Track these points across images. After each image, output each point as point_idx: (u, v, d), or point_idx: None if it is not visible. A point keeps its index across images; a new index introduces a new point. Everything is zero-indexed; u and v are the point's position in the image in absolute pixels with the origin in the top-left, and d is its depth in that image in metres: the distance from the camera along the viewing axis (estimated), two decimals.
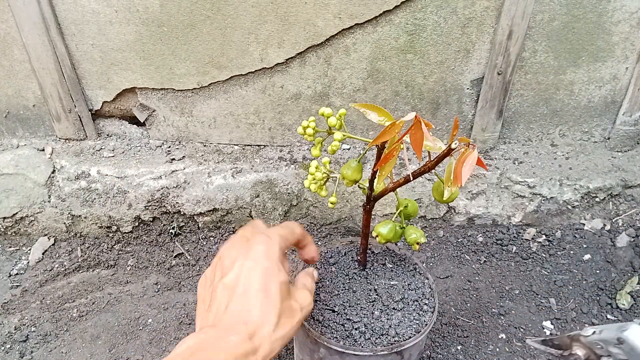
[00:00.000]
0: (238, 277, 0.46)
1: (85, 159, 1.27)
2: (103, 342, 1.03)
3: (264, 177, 1.24)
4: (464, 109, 1.25)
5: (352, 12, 1.10)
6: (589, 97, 1.24)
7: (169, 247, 1.25)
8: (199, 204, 1.23)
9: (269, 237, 0.50)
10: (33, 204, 1.24)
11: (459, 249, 1.23)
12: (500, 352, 1.00)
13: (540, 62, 1.18)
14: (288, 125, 1.29)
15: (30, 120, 1.31)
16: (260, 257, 0.47)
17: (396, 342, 0.67)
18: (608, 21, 1.12)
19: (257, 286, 0.45)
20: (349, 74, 1.20)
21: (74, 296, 1.14)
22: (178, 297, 1.13)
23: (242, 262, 0.47)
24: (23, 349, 1.02)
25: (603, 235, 1.22)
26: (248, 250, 0.48)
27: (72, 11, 1.14)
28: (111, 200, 1.23)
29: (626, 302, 1.07)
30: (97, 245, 1.25)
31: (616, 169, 1.25)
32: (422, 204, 1.25)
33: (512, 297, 1.11)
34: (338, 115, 0.60)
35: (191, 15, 1.13)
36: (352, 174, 0.62)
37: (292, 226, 0.56)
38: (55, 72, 1.20)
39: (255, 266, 0.47)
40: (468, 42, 1.15)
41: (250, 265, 0.47)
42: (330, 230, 1.27)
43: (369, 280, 0.76)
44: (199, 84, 1.23)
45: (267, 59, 1.18)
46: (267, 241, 0.49)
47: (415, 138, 0.49)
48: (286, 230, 0.54)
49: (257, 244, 0.48)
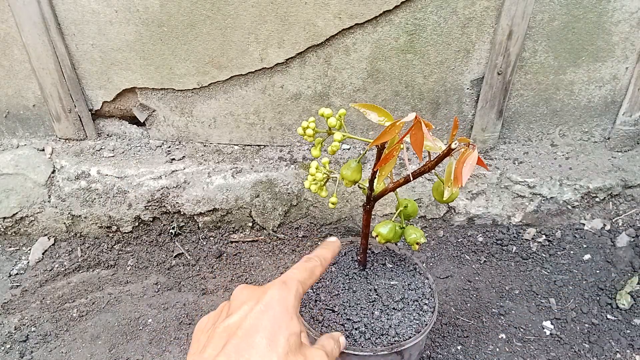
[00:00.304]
0: (243, 320, 0.41)
1: (85, 159, 1.27)
2: (103, 342, 1.03)
3: (264, 177, 1.24)
4: (464, 109, 1.25)
5: (352, 12, 1.10)
6: (589, 97, 1.24)
7: (169, 247, 1.25)
8: (199, 204, 1.23)
9: (284, 283, 0.45)
10: (33, 204, 1.24)
11: (459, 249, 1.23)
12: (500, 352, 1.00)
13: (540, 62, 1.18)
14: (288, 125, 1.29)
15: (30, 120, 1.31)
16: (273, 303, 0.43)
17: (396, 342, 0.67)
18: (608, 21, 1.12)
19: (263, 332, 0.40)
20: (349, 74, 1.20)
21: (74, 296, 1.14)
22: (178, 297, 1.13)
23: (251, 305, 0.42)
24: (23, 349, 1.02)
25: (603, 235, 1.22)
26: (261, 295, 0.43)
27: (72, 11, 1.14)
28: (111, 200, 1.23)
29: (626, 302, 1.07)
30: (97, 245, 1.25)
31: (616, 169, 1.25)
32: (422, 204, 1.25)
33: (512, 297, 1.11)
34: (338, 116, 0.60)
35: (191, 15, 1.13)
36: (352, 175, 0.62)
37: (312, 268, 0.50)
38: (55, 72, 1.20)
39: (266, 311, 0.42)
40: (468, 42, 1.15)
41: (260, 309, 0.42)
42: (330, 230, 1.28)
43: (369, 280, 0.76)
44: (199, 84, 1.23)
45: (267, 59, 1.18)
46: (282, 287, 0.45)
47: (416, 138, 0.49)
48: (305, 274, 0.49)
49: (271, 289, 0.44)
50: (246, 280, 1.17)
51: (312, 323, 0.69)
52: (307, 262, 0.51)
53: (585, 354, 0.99)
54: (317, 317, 0.70)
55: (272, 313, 0.42)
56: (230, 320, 0.41)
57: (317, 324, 0.69)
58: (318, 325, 0.69)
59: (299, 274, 0.48)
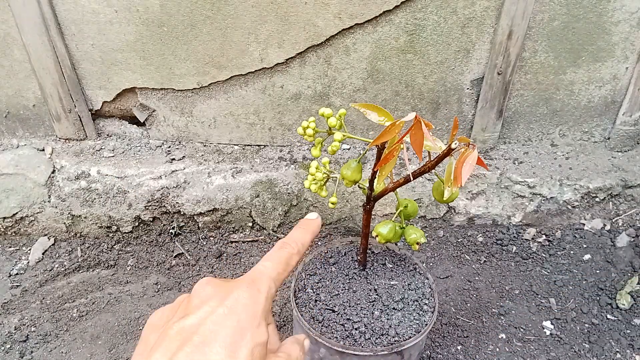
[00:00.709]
0: (201, 323, 0.35)
1: (85, 159, 1.27)
2: (103, 342, 1.03)
3: (264, 177, 1.24)
4: (464, 109, 1.25)
5: (352, 12, 1.10)
6: (589, 97, 1.24)
7: (169, 247, 1.25)
8: (199, 204, 1.23)
9: (253, 282, 0.39)
10: (33, 204, 1.24)
11: (459, 249, 1.23)
12: (500, 352, 1.00)
13: (540, 62, 1.18)
14: (288, 125, 1.29)
15: (30, 120, 1.31)
16: (239, 306, 0.36)
17: (396, 342, 0.67)
18: (608, 21, 1.12)
19: (223, 341, 0.34)
20: (349, 74, 1.20)
21: (74, 296, 1.14)
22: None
23: (213, 305, 0.36)
24: (23, 349, 1.02)
25: (603, 235, 1.22)
26: (226, 294, 0.37)
27: (72, 11, 1.14)
28: (111, 200, 1.23)
29: (626, 302, 1.07)
30: (97, 245, 1.25)
31: (616, 169, 1.25)
32: (422, 204, 1.25)
33: (512, 297, 1.11)
34: (338, 116, 0.60)
35: (191, 15, 1.13)
36: (352, 174, 0.62)
37: (287, 257, 0.43)
38: (55, 72, 1.20)
39: (229, 315, 0.36)
40: (468, 42, 1.15)
41: (222, 312, 0.36)
42: (330, 230, 1.28)
43: (369, 280, 0.76)
44: (199, 84, 1.23)
45: (267, 59, 1.18)
46: (251, 287, 0.38)
47: (416, 138, 0.49)
48: (280, 268, 0.42)
49: (239, 289, 0.37)
50: None
51: (312, 323, 0.69)
52: (281, 250, 0.43)
53: (585, 354, 0.99)
54: (317, 317, 0.70)
55: (236, 318, 0.36)
56: (187, 321, 0.35)
57: (317, 324, 0.69)
58: (318, 325, 0.69)
59: (271, 269, 0.41)
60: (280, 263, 0.42)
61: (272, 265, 0.41)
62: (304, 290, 0.74)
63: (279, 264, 0.42)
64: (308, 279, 0.76)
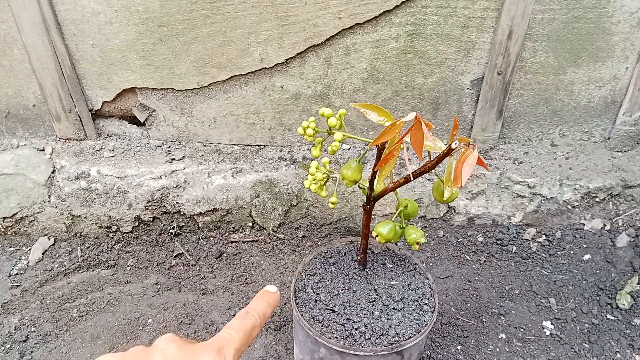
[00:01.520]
0: None
1: (85, 159, 1.27)
2: (103, 342, 1.03)
3: (264, 177, 1.24)
4: (464, 109, 1.25)
5: (352, 12, 1.10)
6: (589, 97, 1.24)
7: (169, 247, 1.25)
8: (199, 204, 1.23)
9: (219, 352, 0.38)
10: (33, 204, 1.24)
11: (459, 249, 1.23)
12: (500, 352, 1.00)
13: (540, 62, 1.18)
14: (288, 125, 1.29)
15: (30, 120, 1.31)
16: None
17: (396, 342, 0.67)
18: (608, 21, 1.12)
19: None
20: (349, 74, 1.20)
21: (74, 296, 1.14)
22: (178, 297, 1.13)
23: None
24: (23, 349, 1.02)
25: (603, 235, 1.22)
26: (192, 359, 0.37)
27: (72, 11, 1.14)
28: (111, 200, 1.23)
29: (626, 302, 1.07)
30: (97, 245, 1.25)
31: (616, 169, 1.25)
32: (422, 204, 1.25)
33: (512, 297, 1.11)
34: (338, 116, 0.60)
35: (191, 15, 1.13)
36: (352, 174, 0.62)
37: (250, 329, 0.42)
38: (55, 72, 1.20)
39: None
40: (468, 42, 1.15)
41: None
42: (330, 230, 1.28)
43: (369, 280, 0.76)
44: (199, 84, 1.23)
45: (267, 59, 1.18)
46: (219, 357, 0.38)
47: (416, 138, 0.49)
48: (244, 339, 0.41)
49: (205, 356, 0.37)
50: (246, 281, 1.17)
51: (312, 323, 0.69)
52: (244, 321, 0.43)
53: (585, 354, 0.99)
54: (317, 317, 0.70)
55: None
56: None
57: (317, 324, 0.69)
58: (318, 325, 0.69)
59: (237, 340, 0.40)
60: (245, 334, 0.41)
61: (237, 336, 0.41)
62: (304, 290, 0.74)
63: (243, 336, 0.41)
64: (308, 279, 0.76)
